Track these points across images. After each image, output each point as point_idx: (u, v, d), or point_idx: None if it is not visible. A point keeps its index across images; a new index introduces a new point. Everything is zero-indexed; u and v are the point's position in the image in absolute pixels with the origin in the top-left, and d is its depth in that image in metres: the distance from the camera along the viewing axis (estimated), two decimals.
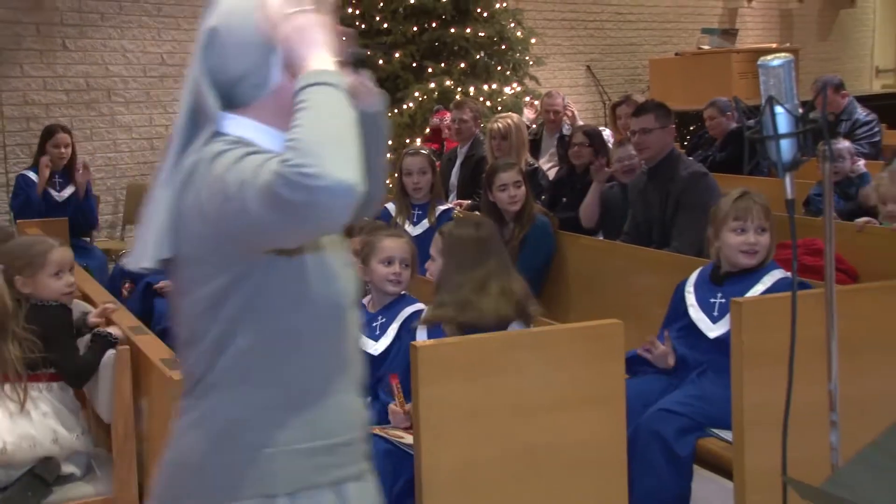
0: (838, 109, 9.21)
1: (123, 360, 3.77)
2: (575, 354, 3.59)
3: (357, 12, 10.49)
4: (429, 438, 3.34)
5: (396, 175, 6.65)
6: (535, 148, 8.82)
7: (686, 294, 4.52)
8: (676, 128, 11.54)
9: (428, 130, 9.63)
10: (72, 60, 9.28)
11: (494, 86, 10.47)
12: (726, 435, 3.99)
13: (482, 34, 10.36)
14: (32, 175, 7.61)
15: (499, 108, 9.82)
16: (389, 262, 4.45)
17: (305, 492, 2.06)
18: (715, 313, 4.38)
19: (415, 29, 10.14)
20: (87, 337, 3.98)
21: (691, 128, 11.17)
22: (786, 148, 2.69)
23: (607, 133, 8.62)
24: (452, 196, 7.79)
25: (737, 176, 6.97)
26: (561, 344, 3.65)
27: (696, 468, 4.21)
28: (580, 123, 9.20)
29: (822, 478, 2.15)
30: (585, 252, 6.17)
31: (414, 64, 10.08)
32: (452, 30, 10.29)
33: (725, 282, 4.39)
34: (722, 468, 4.09)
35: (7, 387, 3.72)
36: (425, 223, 6.40)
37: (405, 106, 9.92)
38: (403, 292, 4.48)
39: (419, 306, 4.39)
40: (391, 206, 6.53)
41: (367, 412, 2.34)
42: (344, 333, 2.15)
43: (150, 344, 3.85)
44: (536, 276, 5.85)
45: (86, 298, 4.59)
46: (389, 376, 4.07)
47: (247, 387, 2.06)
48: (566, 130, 8.86)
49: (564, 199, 7.44)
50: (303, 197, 1.72)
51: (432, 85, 10.11)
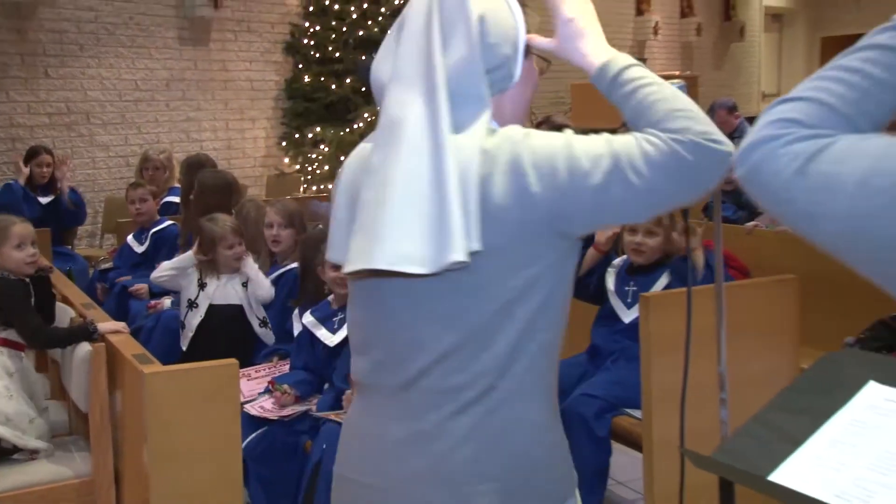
0: (732, 128, 9.32)
1: (100, 356, 3.73)
2: None
3: (312, 42, 10.44)
4: None
5: None
6: None
7: (606, 278, 4.60)
8: None
9: None
10: (53, 87, 9.21)
11: None
12: (637, 413, 4.02)
13: None
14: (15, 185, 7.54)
15: None
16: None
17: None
18: (629, 300, 4.46)
19: (363, 57, 10.10)
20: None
21: None
22: None
23: None
24: None
25: None
26: None
27: (613, 443, 4.25)
28: None
29: (714, 448, 2.16)
30: None
31: (363, 88, 10.02)
32: None
33: (636, 274, 4.47)
34: (633, 442, 4.11)
35: None
36: None
37: (356, 126, 9.89)
38: None
39: None
40: None
41: None
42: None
43: (124, 341, 3.81)
44: None
45: (66, 301, 4.52)
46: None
47: (538, 390, 1.85)
48: None
49: None
50: (710, 163, 1.64)
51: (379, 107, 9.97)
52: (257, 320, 4.91)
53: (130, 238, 6.65)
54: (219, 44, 10.35)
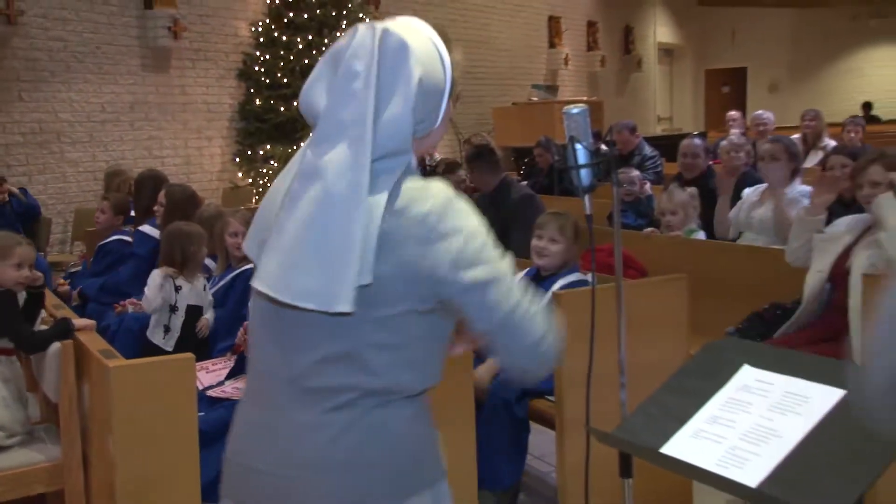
0: (632, 147, 9.35)
1: (68, 352, 3.68)
2: None
3: (262, 69, 10.36)
4: None
5: None
6: None
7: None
8: (515, 160, 11.69)
9: None
10: (27, 109, 9.04)
11: None
12: (551, 397, 4.03)
13: None
14: None
15: None
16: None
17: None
18: None
19: None
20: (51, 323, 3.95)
21: (525, 160, 11.30)
22: (584, 175, 2.74)
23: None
24: None
25: (560, 197, 7.04)
26: None
27: (531, 423, 4.29)
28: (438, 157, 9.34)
29: (615, 426, 2.19)
30: None
31: None
32: None
33: (543, 280, 4.46)
34: (548, 421, 4.14)
35: None
36: None
37: (302, 144, 9.77)
38: None
39: None
40: None
41: None
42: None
43: (91, 339, 3.76)
44: None
45: None
46: None
47: (414, 395, 1.85)
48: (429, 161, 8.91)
49: None
50: (543, 363, 1.88)
51: None
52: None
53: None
54: (178, 70, 10.25)
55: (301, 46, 10.16)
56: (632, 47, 18.34)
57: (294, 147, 9.85)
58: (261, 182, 10.15)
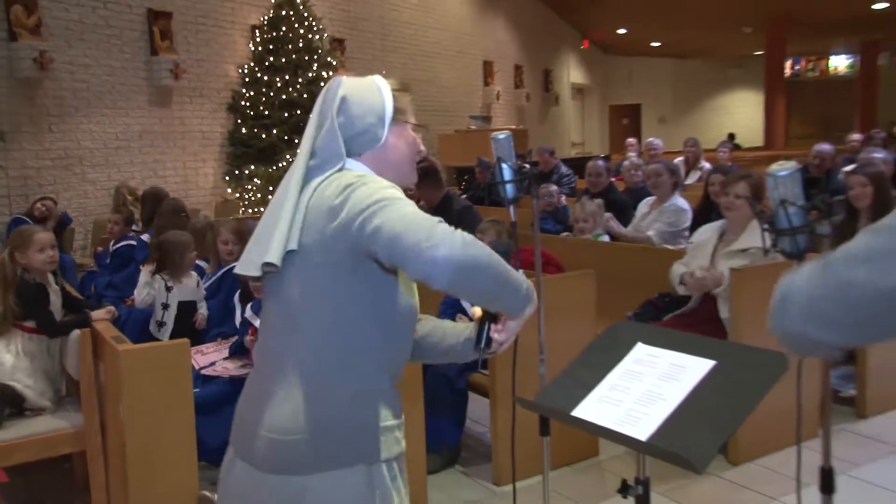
0: (551, 166, 9.39)
1: (87, 338, 3.63)
2: None
3: (248, 103, 10.29)
4: None
5: None
6: None
7: None
8: (457, 177, 11.68)
9: None
10: (55, 139, 8.95)
11: None
12: (486, 371, 4.03)
13: None
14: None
15: None
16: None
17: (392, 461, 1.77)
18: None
19: (286, 114, 10.01)
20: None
21: (465, 177, 11.32)
22: (510, 189, 2.73)
23: None
24: None
25: (490, 207, 7.05)
26: None
27: (470, 393, 4.27)
28: None
29: (535, 394, 2.18)
30: None
31: (286, 137, 9.91)
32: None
33: None
34: (483, 392, 4.14)
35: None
36: None
37: (280, 165, 9.79)
38: None
39: None
40: None
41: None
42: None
43: (105, 327, 3.72)
44: None
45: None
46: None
47: (349, 373, 1.73)
48: None
49: None
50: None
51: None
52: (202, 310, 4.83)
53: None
54: (178, 105, 10.16)
55: (279, 84, 10.17)
56: (550, 86, 18.44)
57: (274, 168, 9.84)
58: (246, 196, 10.10)
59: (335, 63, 10.68)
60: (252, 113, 10.26)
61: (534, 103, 17.53)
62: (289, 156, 9.73)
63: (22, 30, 8.43)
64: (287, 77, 10.16)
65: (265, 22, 10.49)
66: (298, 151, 1.84)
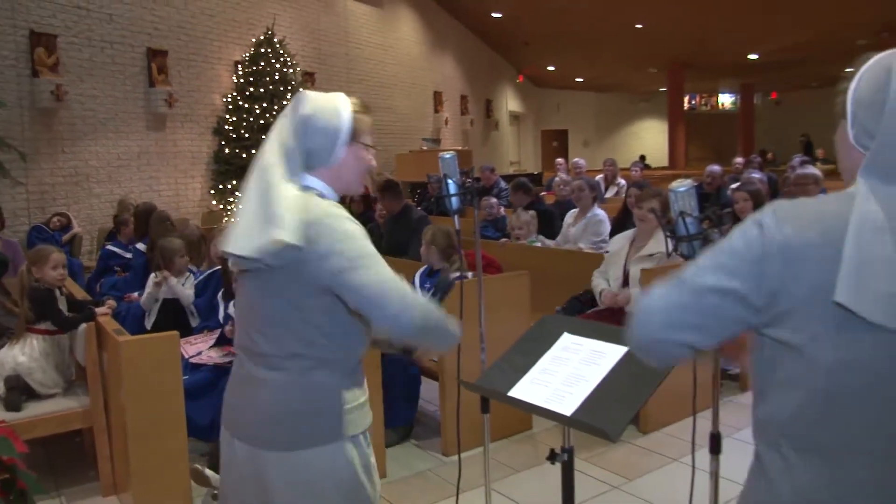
0: (492, 182, 9.39)
1: (92, 331, 3.62)
2: None
3: (231, 128, 10.15)
4: None
5: None
6: None
7: (415, 279, 4.52)
8: (413, 190, 11.65)
9: None
10: (67, 159, 8.81)
11: None
12: (436, 358, 3.98)
13: None
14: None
15: None
16: None
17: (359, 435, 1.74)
18: (425, 288, 4.35)
19: (263, 137, 9.83)
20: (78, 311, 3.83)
21: (419, 191, 11.28)
22: (454, 202, 2.72)
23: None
24: None
25: (438, 216, 7.02)
26: None
27: (422, 377, 4.25)
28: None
29: (477, 377, 2.18)
30: None
31: None
32: None
33: (434, 275, 4.42)
34: (433, 376, 4.12)
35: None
36: None
37: None
38: None
39: None
40: None
41: None
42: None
43: (107, 321, 3.66)
44: None
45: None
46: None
47: (335, 366, 1.71)
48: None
49: None
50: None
51: None
52: (190, 309, 4.74)
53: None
54: (171, 129, 9.98)
55: (258, 111, 10.11)
56: (491, 113, 18.47)
57: None
58: (229, 208, 10.01)
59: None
60: (234, 136, 10.16)
61: (477, 128, 17.56)
62: None
63: (43, 67, 8.51)
64: (265, 105, 10.10)
65: (247, 58, 10.43)
66: (267, 149, 1.73)
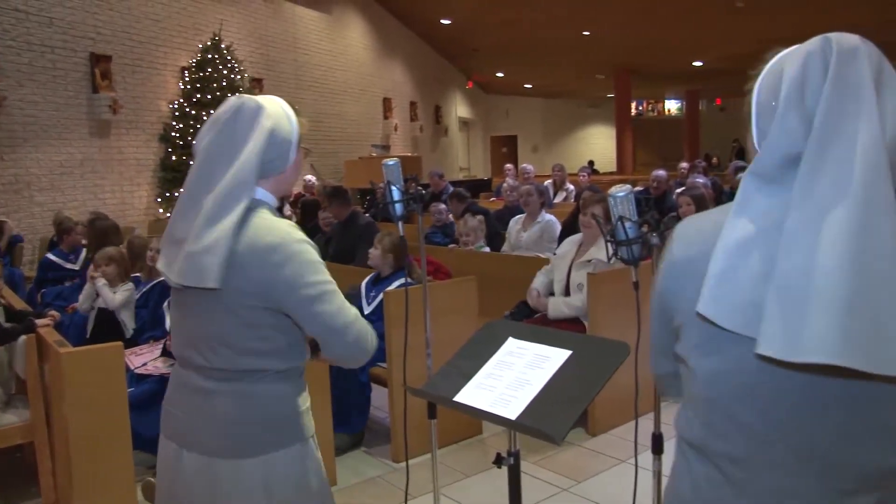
0: (441, 188, 9.38)
1: (32, 342, 3.52)
2: None
3: (178, 134, 9.98)
4: None
5: None
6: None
7: (362, 287, 4.49)
8: (362, 197, 11.60)
9: None
10: (6, 166, 8.51)
11: None
12: (384, 364, 4.01)
13: None
14: None
15: None
16: None
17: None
18: (370, 297, 4.37)
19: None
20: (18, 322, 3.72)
21: (368, 197, 11.25)
22: (398, 208, 2.73)
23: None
24: None
25: (385, 222, 7.01)
26: None
27: (373, 385, 4.23)
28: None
29: (423, 383, 2.19)
30: None
31: None
32: None
33: (381, 282, 4.41)
34: (383, 382, 4.10)
35: None
36: None
37: None
38: None
39: None
40: None
41: None
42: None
43: (48, 332, 3.56)
44: None
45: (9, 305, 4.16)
46: None
47: (286, 375, 1.75)
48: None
49: None
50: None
51: None
52: (121, 317, 4.64)
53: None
54: (116, 136, 9.75)
55: (205, 117, 9.83)
56: (441, 119, 18.53)
57: None
58: None
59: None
60: (181, 143, 9.99)
61: (426, 134, 17.59)
62: None
63: None
64: (212, 111, 9.77)
65: (193, 64, 10.28)
66: (210, 158, 1.70)
